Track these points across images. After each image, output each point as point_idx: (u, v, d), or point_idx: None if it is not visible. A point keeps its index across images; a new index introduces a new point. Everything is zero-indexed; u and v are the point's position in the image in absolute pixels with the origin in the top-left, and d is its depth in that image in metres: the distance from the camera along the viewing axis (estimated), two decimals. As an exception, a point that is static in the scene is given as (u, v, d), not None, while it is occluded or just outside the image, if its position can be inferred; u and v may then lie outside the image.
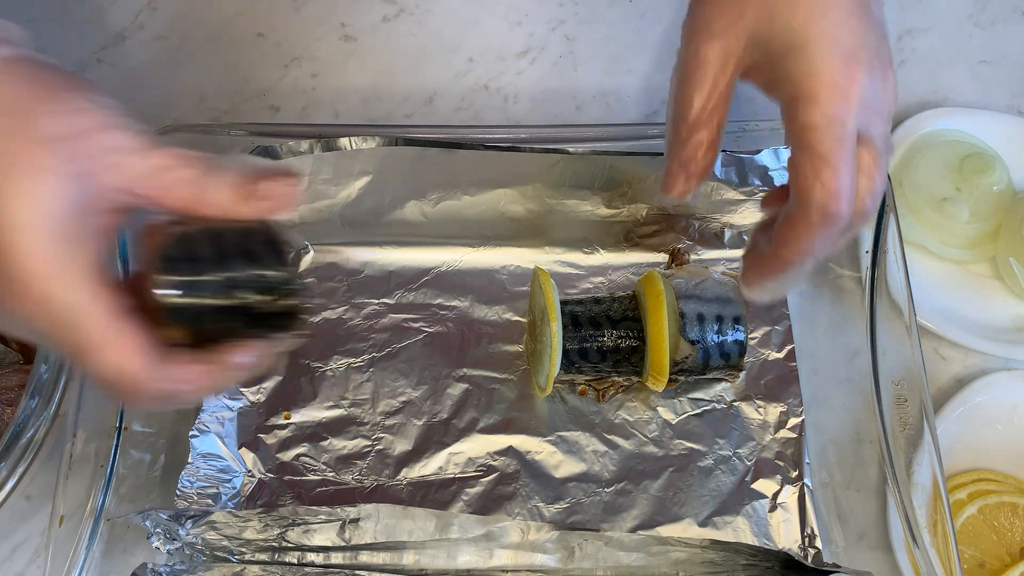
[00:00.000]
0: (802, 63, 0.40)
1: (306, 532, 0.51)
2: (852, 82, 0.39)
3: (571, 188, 0.60)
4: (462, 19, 0.71)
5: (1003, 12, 0.73)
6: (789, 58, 0.40)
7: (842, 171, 0.39)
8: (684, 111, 0.43)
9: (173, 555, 0.52)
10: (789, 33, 0.40)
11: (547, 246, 0.62)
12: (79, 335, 0.34)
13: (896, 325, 0.53)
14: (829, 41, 0.40)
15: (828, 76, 0.39)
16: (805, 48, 0.40)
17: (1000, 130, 0.66)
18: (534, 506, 0.55)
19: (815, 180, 0.40)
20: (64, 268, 0.33)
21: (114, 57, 0.69)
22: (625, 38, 0.71)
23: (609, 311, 0.55)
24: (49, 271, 0.33)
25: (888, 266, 0.54)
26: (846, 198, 0.40)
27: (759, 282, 0.45)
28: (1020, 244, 0.61)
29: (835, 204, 0.40)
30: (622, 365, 0.55)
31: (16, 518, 0.55)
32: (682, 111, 0.44)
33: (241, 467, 0.55)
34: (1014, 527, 0.55)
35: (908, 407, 0.51)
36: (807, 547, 0.53)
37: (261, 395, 0.58)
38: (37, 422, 0.50)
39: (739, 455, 0.56)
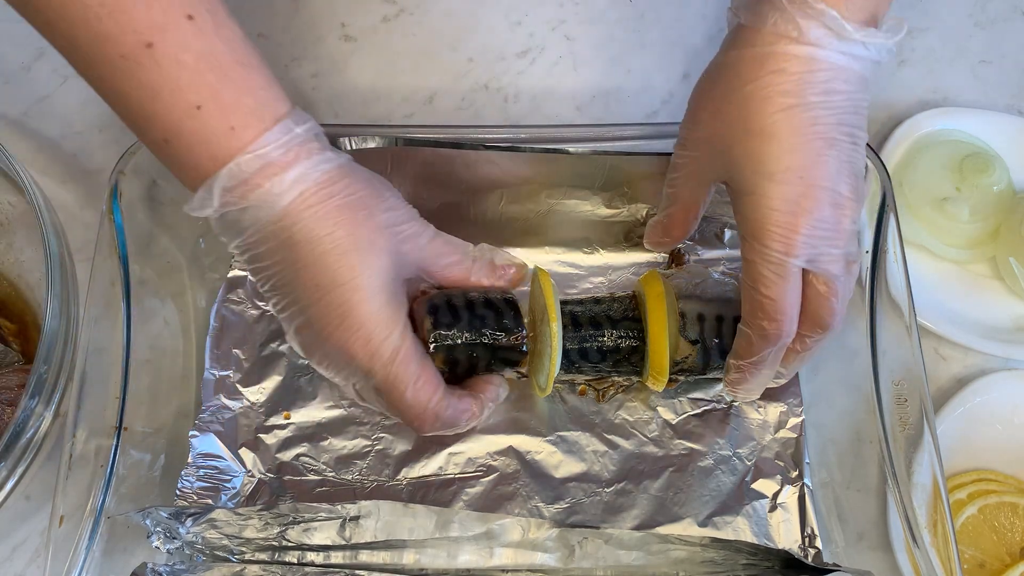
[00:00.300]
0: (750, 207, 0.46)
1: (306, 531, 0.51)
2: (794, 229, 0.45)
3: (571, 188, 0.60)
4: (462, 19, 0.71)
5: (1003, 12, 0.73)
6: (744, 198, 0.46)
7: (779, 302, 0.46)
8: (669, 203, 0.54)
9: (173, 555, 0.52)
10: (743, 180, 0.46)
11: (547, 246, 0.62)
12: (395, 370, 0.45)
13: (896, 325, 0.53)
14: (776, 189, 0.45)
15: (772, 221, 0.45)
16: (754, 194, 0.45)
17: (1000, 130, 0.66)
18: (534, 506, 0.55)
19: (756, 308, 0.47)
20: (389, 319, 0.45)
21: (114, 57, 0.68)
22: (625, 38, 0.71)
23: (609, 311, 0.55)
24: (379, 319, 0.44)
25: (888, 266, 0.54)
26: (786, 323, 0.47)
27: (735, 389, 0.53)
28: (1020, 244, 0.61)
29: (771, 327, 0.47)
30: (622, 365, 0.55)
31: (16, 518, 0.55)
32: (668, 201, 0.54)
33: (241, 467, 0.55)
34: (1014, 527, 0.55)
35: (908, 407, 0.51)
36: (807, 547, 0.53)
37: (261, 395, 0.58)
38: (37, 422, 0.50)
39: (739, 455, 0.56)
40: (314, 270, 0.43)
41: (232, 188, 0.42)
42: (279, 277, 0.45)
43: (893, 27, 0.45)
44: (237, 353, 0.59)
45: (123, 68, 0.40)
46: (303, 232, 0.43)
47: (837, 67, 0.45)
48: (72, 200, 0.64)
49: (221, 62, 0.41)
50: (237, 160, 0.42)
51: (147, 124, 0.42)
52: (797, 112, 0.44)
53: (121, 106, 0.42)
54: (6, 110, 0.67)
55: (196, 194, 0.43)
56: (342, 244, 0.43)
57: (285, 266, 0.44)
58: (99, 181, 0.64)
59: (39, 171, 0.64)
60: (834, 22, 0.44)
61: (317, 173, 0.43)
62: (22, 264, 0.60)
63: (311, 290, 0.44)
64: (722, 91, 0.47)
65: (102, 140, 0.66)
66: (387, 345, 0.45)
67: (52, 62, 0.68)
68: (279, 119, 0.43)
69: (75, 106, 0.67)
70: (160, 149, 0.43)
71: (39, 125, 0.66)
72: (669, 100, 0.69)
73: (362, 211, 0.44)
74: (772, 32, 0.45)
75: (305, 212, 0.43)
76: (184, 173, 0.43)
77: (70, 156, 0.65)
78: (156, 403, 0.55)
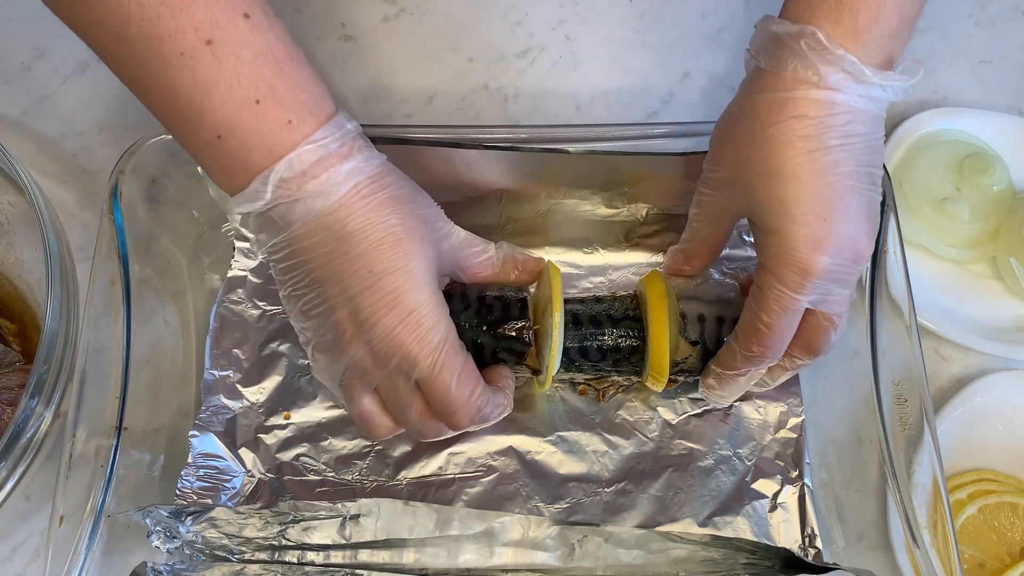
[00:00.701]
0: (772, 244, 0.47)
1: (306, 530, 0.51)
2: (811, 272, 0.46)
3: (571, 188, 0.60)
4: (462, 19, 0.71)
5: (1003, 12, 0.73)
6: (766, 236, 0.47)
7: (774, 333, 0.48)
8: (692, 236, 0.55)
9: (173, 554, 0.52)
10: (766, 219, 0.47)
11: (547, 246, 0.62)
12: (443, 359, 0.46)
13: (896, 325, 0.53)
14: (799, 230, 0.46)
15: (791, 261, 0.46)
16: (777, 233, 0.46)
17: (1000, 130, 0.66)
18: (534, 506, 0.55)
19: (750, 331, 0.49)
20: (437, 308, 0.46)
21: (114, 57, 0.68)
22: (625, 38, 0.71)
23: (610, 310, 0.55)
24: (429, 307, 0.45)
25: (888, 266, 0.54)
26: (774, 350, 0.49)
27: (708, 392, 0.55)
28: (1020, 244, 0.61)
29: (759, 351, 0.49)
30: (622, 364, 0.55)
31: (16, 518, 0.55)
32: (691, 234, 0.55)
33: (241, 467, 0.55)
34: (1014, 527, 0.55)
35: (908, 407, 0.51)
36: (807, 547, 0.53)
37: (261, 395, 0.58)
38: (37, 422, 0.50)
39: (739, 455, 0.56)
40: (368, 257, 0.44)
41: (289, 180, 0.43)
42: (326, 269, 0.45)
43: (909, 69, 0.46)
44: (237, 353, 0.59)
45: (179, 65, 0.40)
46: (358, 221, 0.44)
47: (856, 110, 0.45)
48: (72, 200, 0.64)
49: (277, 58, 0.42)
50: (298, 151, 0.42)
51: (198, 121, 0.42)
52: (819, 156, 0.45)
53: (170, 105, 0.42)
54: (6, 110, 0.67)
55: (247, 188, 0.43)
56: (396, 232, 0.45)
57: (334, 257, 0.44)
58: (99, 181, 0.64)
59: (39, 171, 0.64)
60: (853, 67, 0.44)
61: (370, 167, 0.45)
62: (22, 264, 0.60)
63: (363, 277, 0.44)
64: (743, 133, 0.48)
65: (102, 140, 0.66)
66: (435, 333, 0.45)
67: (52, 62, 0.68)
68: (330, 116, 0.44)
69: (75, 106, 0.67)
70: (207, 149, 0.43)
71: (39, 125, 0.66)
72: (669, 100, 0.69)
73: (409, 204, 0.46)
74: (792, 77, 0.45)
75: (360, 202, 0.44)
76: (232, 170, 0.43)
77: (70, 156, 0.65)
78: (156, 403, 0.55)
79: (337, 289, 0.45)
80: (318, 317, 0.46)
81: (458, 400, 0.47)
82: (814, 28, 0.44)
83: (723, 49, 0.70)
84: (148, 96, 0.43)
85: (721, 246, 0.55)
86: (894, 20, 0.45)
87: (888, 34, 0.45)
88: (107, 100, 0.67)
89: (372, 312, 0.45)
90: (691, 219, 0.54)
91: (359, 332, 0.45)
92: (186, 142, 0.44)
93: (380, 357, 0.46)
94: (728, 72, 0.70)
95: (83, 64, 0.68)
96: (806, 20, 0.45)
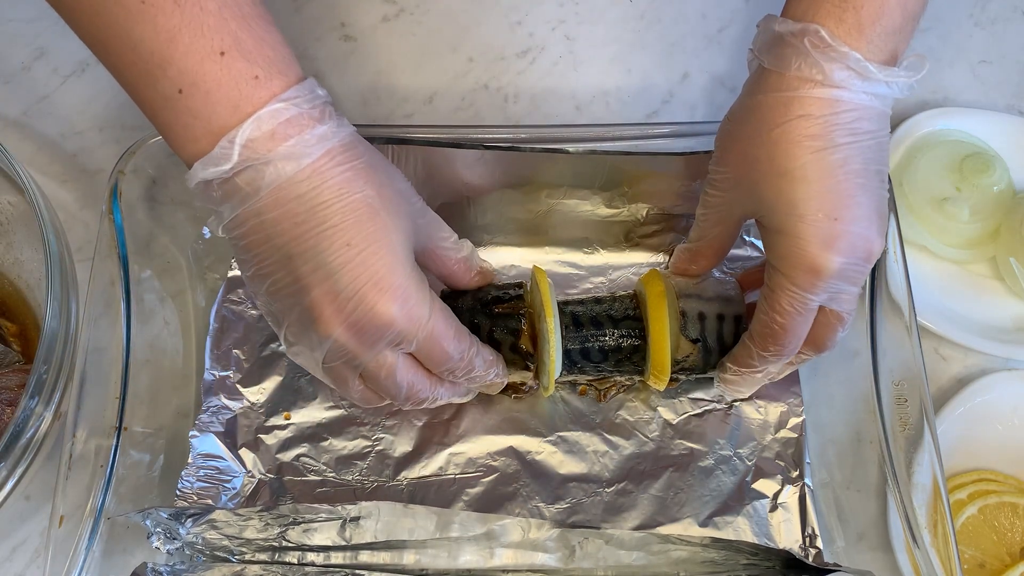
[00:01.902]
0: (783, 244, 0.46)
1: (306, 531, 0.51)
2: (823, 272, 0.45)
3: (571, 188, 0.60)
4: (462, 19, 0.71)
5: (1003, 12, 0.73)
6: (776, 236, 0.47)
7: (791, 334, 0.48)
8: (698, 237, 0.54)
9: (173, 555, 0.52)
10: (775, 220, 0.47)
11: (547, 246, 0.62)
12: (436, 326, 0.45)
13: (896, 325, 0.53)
14: (809, 230, 0.45)
15: (802, 262, 0.46)
16: (787, 233, 0.46)
17: (1000, 130, 0.66)
18: (535, 506, 0.55)
19: (766, 332, 0.49)
20: (421, 280, 0.45)
21: (114, 57, 0.68)
22: (625, 38, 0.71)
23: (610, 310, 0.55)
24: (413, 279, 0.44)
25: (888, 266, 0.54)
26: (789, 349, 0.49)
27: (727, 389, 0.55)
28: (1020, 244, 0.61)
29: (777, 350, 0.49)
30: (624, 364, 0.55)
31: (16, 518, 0.55)
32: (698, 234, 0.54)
33: (241, 467, 0.55)
34: (1014, 527, 0.55)
35: (908, 407, 0.51)
36: (808, 547, 0.53)
37: (261, 395, 0.58)
38: (37, 422, 0.50)
39: (740, 455, 0.56)
40: (345, 229, 0.42)
41: (257, 140, 0.40)
42: (297, 244, 0.42)
43: (914, 64, 0.45)
44: (237, 353, 0.59)
45: (140, 13, 0.39)
46: (332, 190, 0.42)
47: (861, 107, 0.45)
48: (72, 200, 0.64)
49: (243, 13, 0.40)
50: (268, 108, 0.40)
51: (159, 73, 0.40)
52: (826, 155, 0.45)
53: (130, 59, 0.40)
54: (6, 110, 0.67)
55: (213, 150, 0.40)
56: (374, 203, 0.43)
57: (307, 229, 0.42)
58: (99, 181, 0.64)
59: (39, 171, 0.64)
60: (857, 64, 0.44)
61: (343, 133, 0.43)
62: (22, 264, 0.60)
63: (340, 251, 0.42)
64: (749, 134, 0.47)
65: (102, 140, 0.66)
66: (423, 304, 0.45)
67: (52, 62, 0.68)
68: (300, 78, 0.42)
69: (75, 106, 0.67)
70: (168, 106, 0.40)
71: (39, 125, 0.66)
72: (669, 100, 0.69)
73: (384, 175, 0.44)
74: (796, 76, 0.45)
75: (334, 170, 0.42)
76: (195, 132, 0.41)
77: (70, 156, 0.65)
78: (156, 403, 0.55)
79: (311, 266, 0.42)
80: (290, 298, 0.44)
81: (456, 355, 0.47)
82: (817, 26, 0.44)
83: (723, 49, 0.70)
84: (107, 49, 0.40)
85: (727, 247, 0.54)
86: (897, 16, 0.44)
87: (892, 30, 0.44)
88: (107, 100, 0.67)
89: (355, 290, 0.42)
90: (698, 220, 0.54)
91: (340, 312, 0.43)
92: (146, 100, 0.41)
93: (367, 338, 0.44)
94: (728, 72, 0.70)
95: (83, 64, 0.68)
96: (809, 18, 0.45)
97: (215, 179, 0.41)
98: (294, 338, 0.45)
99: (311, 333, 0.44)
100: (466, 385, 0.51)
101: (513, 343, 0.52)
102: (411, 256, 0.45)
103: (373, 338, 0.44)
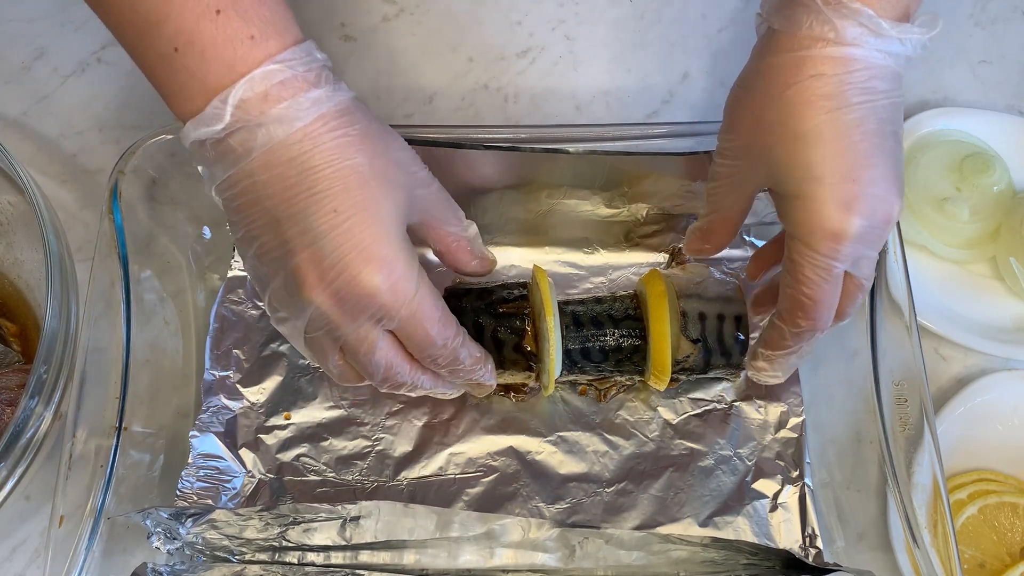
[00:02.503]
0: (800, 210, 0.45)
1: (307, 531, 0.51)
2: (845, 235, 0.44)
3: (571, 188, 0.60)
4: (462, 19, 0.71)
5: (1003, 12, 0.73)
6: (792, 202, 0.45)
7: (822, 304, 0.46)
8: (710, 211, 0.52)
9: (173, 555, 0.52)
10: (790, 185, 0.45)
11: (547, 246, 0.62)
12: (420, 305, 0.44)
13: (896, 325, 0.53)
14: (827, 193, 0.44)
15: (823, 227, 0.44)
16: (804, 198, 0.44)
17: (1000, 130, 0.66)
18: (535, 506, 0.55)
19: (795, 307, 0.47)
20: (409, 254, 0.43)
21: (114, 57, 0.68)
22: (625, 38, 0.71)
23: (611, 310, 0.55)
24: (401, 252, 0.43)
25: (888, 266, 0.54)
26: (823, 321, 0.47)
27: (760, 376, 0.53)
28: (1020, 244, 0.61)
29: (809, 324, 0.47)
30: (624, 364, 0.55)
31: (16, 518, 0.55)
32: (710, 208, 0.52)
33: (241, 467, 0.55)
34: (1014, 527, 0.55)
35: (908, 407, 0.51)
36: (808, 547, 0.53)
37: (261, 395, 0.58)
38: (37, 422, 0.50)
39: (740, 455, 0.56)
40: (332, 196, 0.41)
41: (250, 101, 0.40)
42: (285, 207, 0.42)
43: (927, 22, 0.44)
44: (237, 353, 0.59)
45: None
46: (323, 155, 0.41)
47: (874, 66, 0.44)
48: (72, 200, 0.64)
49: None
50: (261, 69, 0.40)
51: (156, 32, 0.40)
52: (841, 115, 0.44)
53: (128, 17, 0.40)
54: (6, 110, 0.67)
55: (206, 110, 0.40)
56: (363, 172, 0.42)
57: (296, 192, 0.41)
58: (99, 181, 0.64)
59: (39, 171, 0.64)
60: (870, 20, 0.43)
61: (339, 98, 0.42)
62: (22, 264, 0.60)
63: (326, 217, 0.41)
64: (760, 99, 0.46)
65: (102, 140, 0.66)
66: (409, 280, 0.43)
67: (52, 62, 0.68)
68: (297, 40, 0.42)
69: (75, 106, 0.67)
70: (164, 64, 0.41)
71: (39, 125, 0.66)
72: (669, 100, 0.69)
73: (380, 143, 0.44)
74: (807, 36, 0.44)
75: (326, 135, 0.41)
76: (190, 90, 0.41)
77: (70, 156, 0.65)
78: (156, 403, 0.55)
79: (297, 230, 0.42)
80: (275, 263, 0.43)
81: (437, 344, 0.46)
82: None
83: (723, 49, 0.70)
84: (108, 8, 0.41)
85: (740, 221, 0.52)
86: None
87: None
88: (107, 100, 0.67)
89: (339, 257, 0.42)
90: (708, 194, 0.52)
91: (322, 279, 0.42)
92: (144, 59, 0.41)
93: (349, 308, 0.43)
94: (728, 72, 0.69)
95: (83, 64, 0.68)
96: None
97: (208, 139, 0.42)
98: (278, 303, 0.45)
99: (295, 299, 0.43)
100: (449, 379, 0.50)
101: (517, 343, 0.52)
102: (402, 229, 0.44)
103: (355, 308, 0.43)
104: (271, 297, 0.45)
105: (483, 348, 0.51)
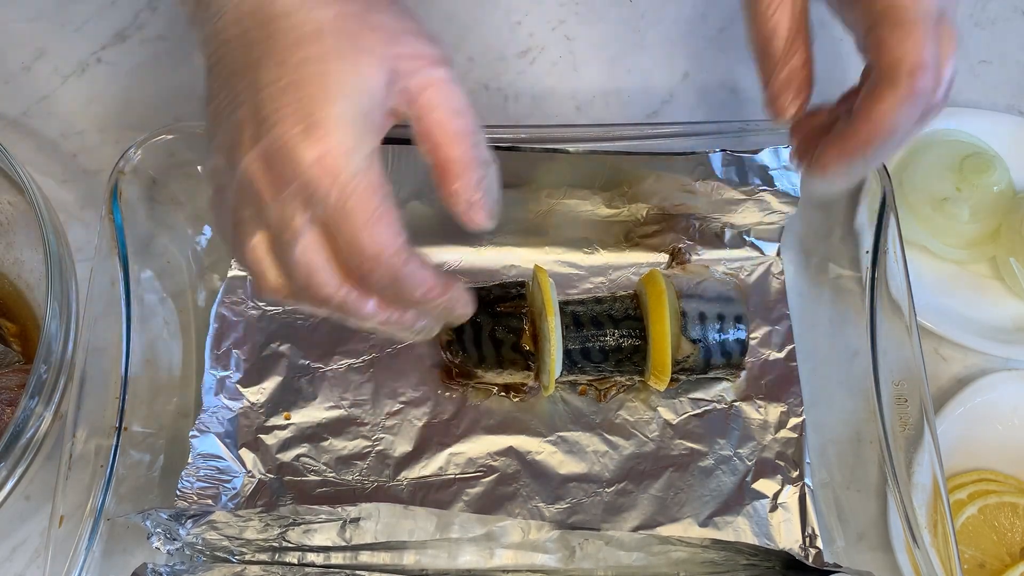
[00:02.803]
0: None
1: (307, 532, 0.51)
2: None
3: (571, 188, 0.60)
4: (462, 19, 0.71)
5: (1003, 12, 0.73)
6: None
7: (928, 43, 0.39)
8: (769, 29, 0.43)
9: (173, 555, 0.52)
10: None
11: (547, 246, 0.62)
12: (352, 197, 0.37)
13: (896, 325, 0.53)
14: None
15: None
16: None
17: (1000, 130, 0.66)
18: (535, 506, 0.55)
19: (903, 52, 0.39)
20: (359, 131, 0.37)
21: (114, 57, 0.68)
22: (625, 38, 0.71)
23: (611, 310, 0.55)
24: (346, 124, 0.37)
25: (888, 266, 0.54)
26: (932, 69, 0.40)
27: (838, 162, 0.43)
28: (1020, 244, 0.61)
29: (922, 73, 0.39)
30: (624, 364, 0.55)
31: (16, 518, 0.55)
32: (767, 30, 0.43)
33: (241, 468, 0.55)
34: (1014, 527, 0.55)
35: (908, 407, 0.51)
36: (808, 547, 0.53)
37: (261, 395, 0.58)
38: (37, 422, 0.50)
39: (740, 455, 0.56)
40: (283, 48, 0.37)
41: None
42: (241, 59, 0.38)
43: None
44: (237, 353, 0.59)
45: None
46: (286, 4, 0.38)
47: None
48: (72, 200, 0.64)
49: None
50: None
51: None
52: None
53: None
54: (6, 110, 0.67)
55: None
56: (325, 27, 0.38)
57: (252, 42, 0.38)
58: (99, 181, 0.64)
59: (39, 171, 0.64)
60: None
61: None
62: (22, 264, 0.60)
63: (272, 69, 0.37)
64: None
65: (102, 140, 0.66)
66: (349, 161, 0.37)
67: (52, 62, 0.68)
68: None
69: (75, 106, 0.67)
70: None
71: (39, 125, 0.66)
72: (669, 100, 0.69)
73: (359, 3, 0.39)
74: None
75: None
76: None
77: (70, 156, 0.65)
78: (156, 403, 0.55)
79: (245, 83, 0.38)
80: (222, 117, 0.39)
81: (368, 250, 0.38)
82: None
83: (723, 49, 0.70)
84: None
85: (810, 47, 0.43)
86: None
87: None
88: (107, 100, 0.67)
89: (273, 110, 0.37)
90: (761, 22, 0.43)
91: (255, 136, 0.37)
92: None
93: (275, 176, 0.37)
94: (728, 72, 0.70)
95: (83, 64, 0.68)
96: None
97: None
98: (212, 166, 0.40)
99: (230, 160, 0.39)
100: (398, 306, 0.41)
101: (515, 342, 0.52)
102: (363, 99, 0.38)
103: (279, 176, 0.37)
104: (213, 161, 0.40)
105: (447, 273, 0.44)
